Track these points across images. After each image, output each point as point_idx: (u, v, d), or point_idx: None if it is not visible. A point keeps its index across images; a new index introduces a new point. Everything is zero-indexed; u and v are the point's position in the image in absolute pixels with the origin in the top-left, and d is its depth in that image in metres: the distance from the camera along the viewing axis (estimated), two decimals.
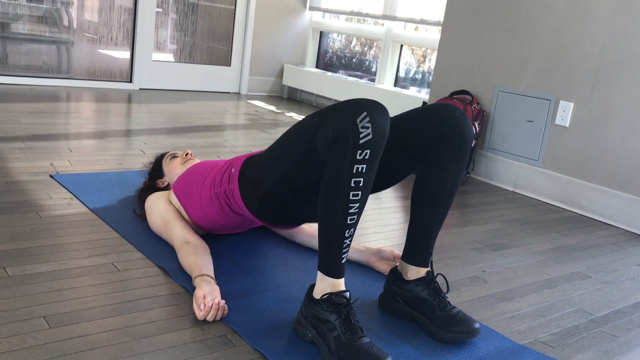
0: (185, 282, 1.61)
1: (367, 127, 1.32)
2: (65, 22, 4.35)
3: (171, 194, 1.93)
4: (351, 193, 1.35)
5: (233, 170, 1.70)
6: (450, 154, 1.52)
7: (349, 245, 1.41)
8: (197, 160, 2.12)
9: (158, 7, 4.69)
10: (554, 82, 3.06)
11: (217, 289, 1.51)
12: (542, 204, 3.04)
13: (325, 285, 1.41)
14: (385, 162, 1.54)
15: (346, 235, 1.38)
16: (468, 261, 2.10)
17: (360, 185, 1.35)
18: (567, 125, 3.00)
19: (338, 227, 1.37)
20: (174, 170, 2.08)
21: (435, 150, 1.53)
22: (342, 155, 1.34)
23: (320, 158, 1.42)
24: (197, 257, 1.64)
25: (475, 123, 3.24)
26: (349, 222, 1.37)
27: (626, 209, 2.78)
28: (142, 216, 2.00)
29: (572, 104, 2.98)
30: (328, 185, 1.37)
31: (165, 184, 2.10)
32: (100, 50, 4.52)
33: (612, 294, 1.98)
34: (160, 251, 1.80)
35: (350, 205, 1.36)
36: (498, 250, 2.25)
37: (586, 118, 2.93)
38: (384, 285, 1.66)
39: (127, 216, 2.03)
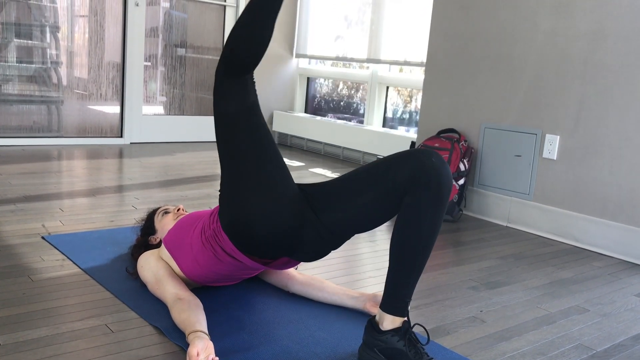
0: (179, 340, 1.60)
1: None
2: (55, 81, 4.40)
3: (162, 250, 1.93)
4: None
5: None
6: (426, 198, 1.50)
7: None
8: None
9: (146, 61, 4.76)
10: (539, 117, 3.10)
11: (210, 345, 1.50)
12: (536, 237, 3.04)
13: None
14: (372, 202, 1.58)
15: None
16: (465, 301, 2.08)
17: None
18: (555, 158, 3.03)
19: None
20: (166, 227, 2.08)
21: (411, 194, 1.52)
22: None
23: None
24: (190, 314, 1.63)
25: (464, 160, 3.26)
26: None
27: (619, 238, 2.78)
28: (134, 274, 1.99)
29: (558, 137, 3.01)
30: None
31: (158, 240, 2.09)
32: (90, 107, 4.57)
33: (612, 326, 1.97)
34: (154, 309, 1.78)
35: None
36: (494, 287, 2.25)
37: (573, 150, 2.96)
38: (363, 336, 1.62)
39: (120, 275, 2.02)
